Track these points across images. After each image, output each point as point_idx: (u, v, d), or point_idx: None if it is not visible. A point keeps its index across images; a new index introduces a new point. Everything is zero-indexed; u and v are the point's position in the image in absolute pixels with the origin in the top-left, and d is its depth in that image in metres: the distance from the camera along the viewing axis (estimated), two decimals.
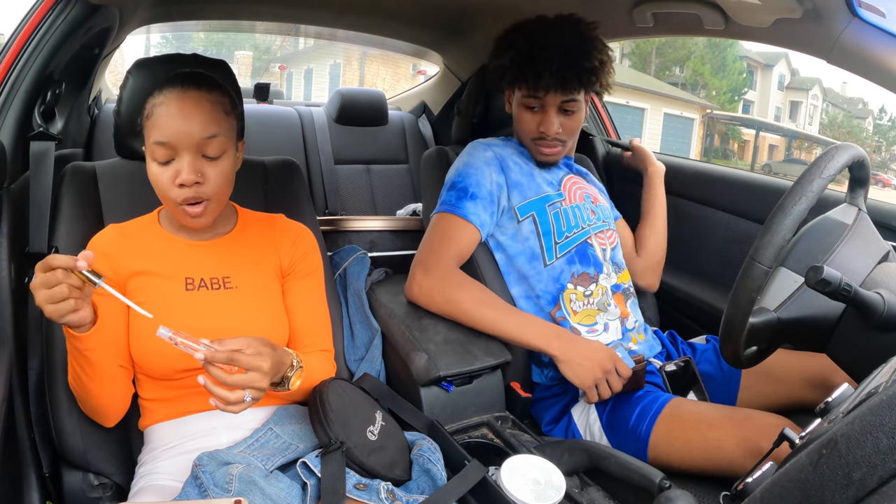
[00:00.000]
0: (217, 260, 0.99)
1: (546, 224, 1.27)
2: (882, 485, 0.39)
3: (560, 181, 1.35)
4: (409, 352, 1.13)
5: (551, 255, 1.26)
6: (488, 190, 1.26)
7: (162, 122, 0.87)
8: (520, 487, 0.82)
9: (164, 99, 0.87)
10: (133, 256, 0.95)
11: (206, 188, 0.89)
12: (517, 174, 1.30)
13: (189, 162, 0.87)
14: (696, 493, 1.03)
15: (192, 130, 0.87)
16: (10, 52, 1.04)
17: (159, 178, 0.89)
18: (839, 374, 0.90)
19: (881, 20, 1.04)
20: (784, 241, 0.79)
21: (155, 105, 0.88)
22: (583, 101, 1.29)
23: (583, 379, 1.11)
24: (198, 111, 0.88)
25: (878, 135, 22.93)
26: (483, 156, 1.30)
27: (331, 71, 18.88)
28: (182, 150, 0.87)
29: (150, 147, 0.88)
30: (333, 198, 2.37)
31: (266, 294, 1.00)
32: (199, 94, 0.88)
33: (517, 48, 1.26)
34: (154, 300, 0.93)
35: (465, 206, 1.24)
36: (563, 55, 1.21)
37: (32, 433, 1.01)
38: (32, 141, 1.08)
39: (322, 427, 0.87)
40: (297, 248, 1.06)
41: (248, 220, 1.06)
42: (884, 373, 0.60)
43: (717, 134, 19.72)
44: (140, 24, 1.77)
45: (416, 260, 1.26)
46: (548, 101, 1.26)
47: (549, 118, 1.27)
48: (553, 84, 1.22)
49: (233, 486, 0.78)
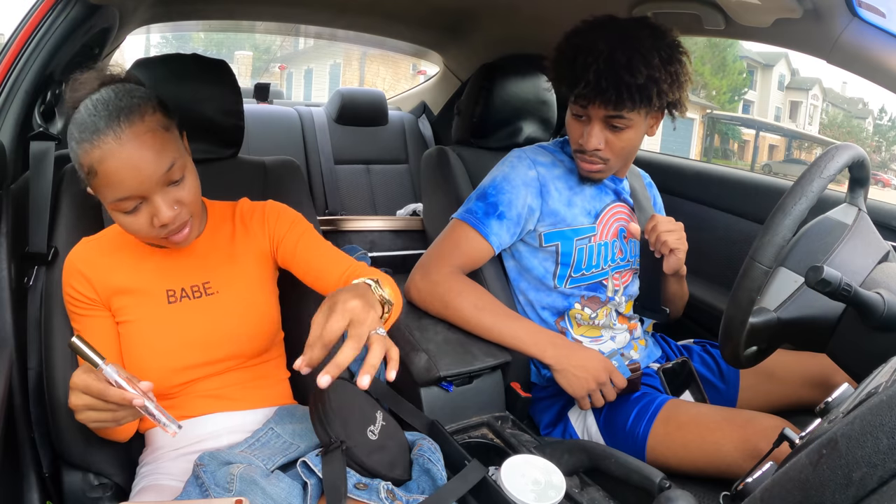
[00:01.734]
0: (194, 266, 0.96)
1: (568, 256, 1.22)
2: (882, 485, 0.39)
3: (600, 212, 1.26)
4: (408, 352, 1.13)
5: (562, 282, 1.24)
6: (518, 212, 1.20)
7: (112, 179, 0.78)
8: (520, 487, 0.82)
9: (101, 154, 0.77)
10: (111, 272, 0.92)
11: (183, 211, 0.85)
12: (556, 202, 1.22)
13: (161, 200, 0.82)
14: (695, 493, 1.02)
15: (151, 173, 0.79)
16: (10, 52, 1.04)
17: (134, 225, 0.83)
18: (839, 374, 0.90)
19: (881, 20, 1.04)
20: (784, 241, 0.79)
21: (94, 162, 0.78)
22: (638, 120, 1.14)
23: (576, 389, 1.10)
24: (145, 151, 0.79)
25: (878, 135, 22.92)
26: (525, 175, 1.21)
27: (331, 71, 18.86)
28: (149, 193, 0.81)
29: (109, 203, 0.81)
30: (333, 198, 2.37)
31: (247, 294, 0.98)
32: (135, 129, 0.78)
33: (561, 48, 1.16)
34: (138, 318, 0.92)
35: (489, 225, 1.19)
36: (605, 65, 1.08)
37: (32, 433, 1.01)
38: (32, 141, 1.08)
39: (322, 426, 0.86)
40: (267, 223, 1.02)
41: (216, 214, 1.02)
42: (884, 373, 0.60)
43: (717, 134, 19.71)
44: (140, 24, 1.77)
45: (420, 261, 1.24)
46: (591, 112, 1.14)
47: (590, 131, 1.15)
48: (590, 95, 1.10)
49: (234, 485, 0.79)
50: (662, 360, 1.32)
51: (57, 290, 1.01)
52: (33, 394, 1.01)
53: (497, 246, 1.20)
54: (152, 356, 0.91)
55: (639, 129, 1.16)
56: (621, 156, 1.19)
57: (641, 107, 1.11)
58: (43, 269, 1.04)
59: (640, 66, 1.07)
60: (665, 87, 1.10)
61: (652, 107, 1.12)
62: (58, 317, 0.99)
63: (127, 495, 0.94)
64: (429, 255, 1.23)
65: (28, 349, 1.03)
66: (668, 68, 1.10)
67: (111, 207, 0.82)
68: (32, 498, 0.99)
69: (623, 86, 1.07)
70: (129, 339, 0.92)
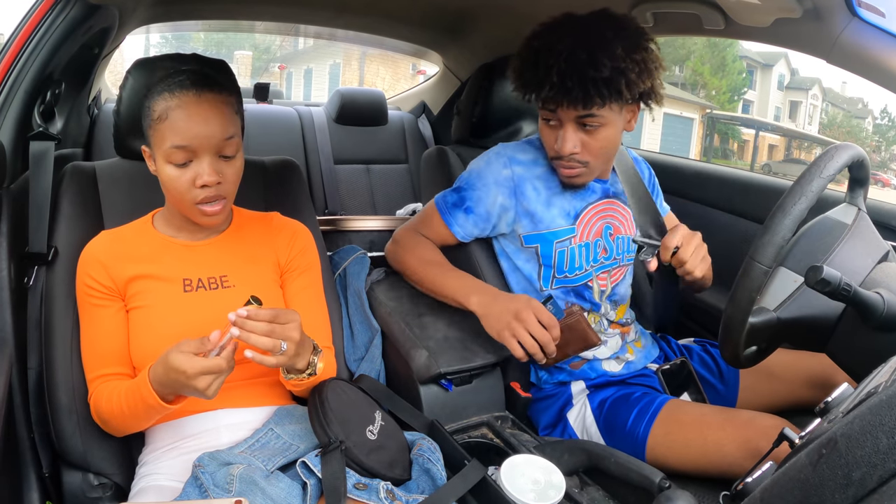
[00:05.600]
0: (213, 259, 0.99)
1: (548, 259, 1.20)
2: (882, 484, 0.39)
3: (580, 212, 1.21)
4: (409, 349, 1.13)
5: (547, 284, 1.23)
6: (486, 210, 1.19)
7: (180, 126, 0.86)
8: (520, 487, 0.82)
9: (178, 102, 0.87)
10: (129, 261, 0.95)
11: (224, 187, 0.91)
12: (533, 202, 1.19)
13: (209, 163, 0.88)
14: (695, 492, 1.02)
15: (213, 133, 0.88)
16: (10, 52, 1.04)
17: (177, 181, 0.89)
18: (839, 374, 0.90)
19: (881, 20, 1.04)
20: (784, 240, 0.79)
21: (170, 108, 0.87)
22: (611, 116, 1.09)
23: (498, 330, 1.07)
24: (216, 114, 0.88)
25: (878, 135, 22.93)
26: (499, 174, 1.19)
27: (330, 71, 18.87)
28: (202, 152, 0.88)
29: (164, 150, 0.88)
30: (333, 198, 2.37)
31: (264, 291, 1.00)
32: (214, 96, 0.89)
33: (522, 54, 1.13)
34: (153, 303, 0.94)
35: (455, 216, 1.21)
36: (567, 63, 1.04)
37: (32, 433, 1.01)
38: (32, 141, 1.08)
39: (321, 427, 0.87)
40: (294, 245, 1.06)
41: (243, 219, 1.06)
42: (884, 373, 0.60)
43: (717, 134, 19.72)
44: (140, 24, 1.77)
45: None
46: (561, 115, 1.10)
47: (563, 135, 1.11)
48: (557, 97, 1.07)
49: (234, 486, 0.79)
50: (661, 360, 1.31)
51: (57, 289, 1.01)
52: (33, 394, 1.01)
53: (462, 237, 1.23)
54: (162, 342, 0.91)
55: (614, 126, 1.11)
56: (600, 156, 1.14)
57: (612, 101, 1.07)
58: (43, 269, 1.04)
59: (603, 59, 1.03)
60: (633, 76, 1.05)
61: (623, 100, 1.08)
62: (58, 317, 1.00)
63: (127, 495, 0.94)
64: (403, 225, 1.32)
65: (28, 349, 1.03)
66: (634, 57, 1.05)
67: (164, 156, 0.88)
68: (32, 498, 0.99)
69: (589, 82, 1.04)
70: (140, 324, 0.93)
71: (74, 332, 0.98)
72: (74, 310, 0.99)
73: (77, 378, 0.97)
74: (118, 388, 0.89)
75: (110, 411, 0.89)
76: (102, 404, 0.90)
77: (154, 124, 0.88)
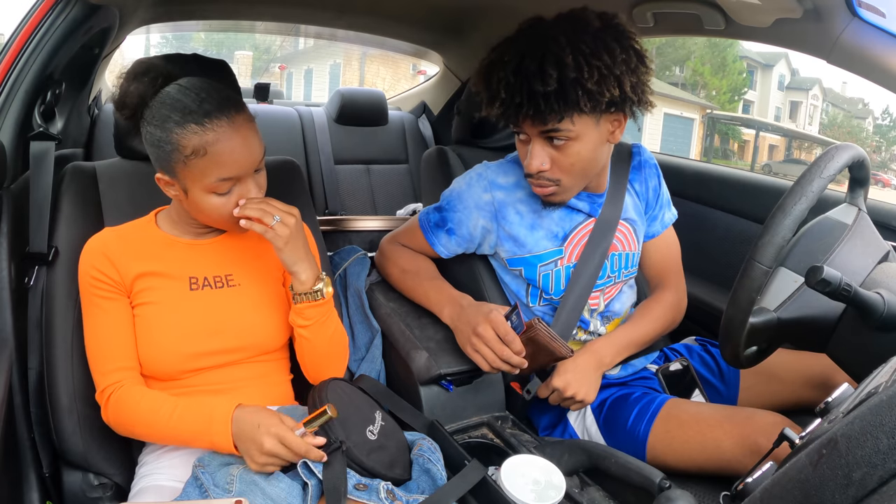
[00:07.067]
0: (218, 258, 0.99)
1: (534, 281, 1.16)
2: (882, 485, 0.39)
3: (569, 232, 1.15)
4: (409, 350, 1.13)
5: (535, 301, 1.21)
6: (469, 231, 1.17)
7: (225, 159, 0.84)
8: (520, 487, 0.82)
9: (216, 136, 0.83)
10: (135, 258, 0.95)
11: (260, 196, 0.92)
12: (516, 227, 1.13)
13: (253, 183, 0.89)
14: (695, 492, 1.03)
15: (255, 154, 0.88)
16: (10, 52, 1.04)
17: (222, 209, 0.88)
18: (839, 374, 0.90)
19: (881, 20, 1.04)
20: (784, 241, 0.79)
21: (207, 143, 0.83)
22: (582, 129, 0.99)
23: (462, 345, 1.06)
24: (252, 134, 0.87)
25: (879, 135, 22.91)
26: (479, 198, 1.14)
27: (331, 71, 18.86)
28: (246, 175, 0.88)
29: (205, 184, 0.85)
30: (333, 198, 2.37)
31: (268, 290, 1.01)
32: (241, 116, 0.87)
33: (479, 67, 1.06)
34: (160, 301, 0.94)
35: (438, 236, 1.20)
36: (514, 77, 0.97)
37: (32, 433, 1.01)
38: (32, 141, 1.08)
39: (321, 427, 0.86)
40: None
41: None
42: (884, 373, 0.60)
43: (717, 134, 19.71)
44: (140, 24, 1.77)
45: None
46: (527, 130, 1.02)
47: (531, 151, 1.03)
48: (510, 114, 1.00)
49: (234, 486, 0.79)
50: (661, 361, 1.31)
51: (58, 289, 1.01)
52: (33, 394, 1.01)
53: (445, 254, 1.21)
54: (168, 339, 0.92)
55: (587, 140, 1.01)
56: (572, 173, 1.04)
57: (570, 114, 0.97)
58: (43, 269, 1.04)
59: (549, 70, 0.94)
60: (591, 85, 0.94)
61: (588, 110, 0.97)
62: (58, 317, 1.00)
63: (127, 495, 0.94)
64: (387, 235, 1.33)
65: (28, 349, 1.03)
66: (593, 63, 0.94)
67: (206, 188, 0.86)
68: (32, 498, 0.99)
69: (539, 96, 0.95)
70: (146, 321, 0.93)
71: (75, 332, 0.98)
72: (75, 310, 0.99)
73: (77, 378, 0.97)
74: (163, 399, 0.88)
75: (143, 421, 0.88)
76: (129, 408, 0.89)
77: (188, 160, 0.84)
